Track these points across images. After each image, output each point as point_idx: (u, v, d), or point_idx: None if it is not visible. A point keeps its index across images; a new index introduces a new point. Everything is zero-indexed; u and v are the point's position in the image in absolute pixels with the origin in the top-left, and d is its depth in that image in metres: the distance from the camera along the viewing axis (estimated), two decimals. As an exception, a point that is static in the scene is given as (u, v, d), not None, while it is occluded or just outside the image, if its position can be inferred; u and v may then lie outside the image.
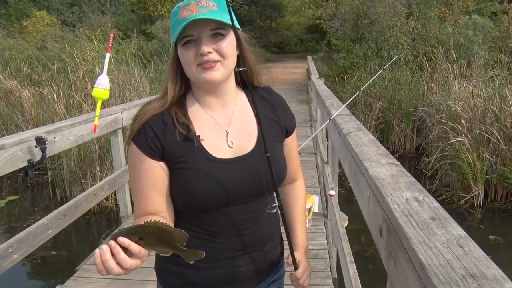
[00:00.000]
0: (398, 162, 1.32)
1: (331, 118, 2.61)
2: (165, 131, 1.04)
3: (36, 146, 2.46)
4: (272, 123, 1.15)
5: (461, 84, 8.24)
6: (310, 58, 14.62)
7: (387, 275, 1.01)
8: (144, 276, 2.72)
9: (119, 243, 0.80)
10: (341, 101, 3.80)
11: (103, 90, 2.78)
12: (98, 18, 21.12)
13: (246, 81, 1.11)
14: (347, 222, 3.89)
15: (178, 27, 0.99)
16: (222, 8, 1.00)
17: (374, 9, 12.51)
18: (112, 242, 0.80)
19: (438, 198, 6.23)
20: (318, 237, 3.55)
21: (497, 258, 4.48)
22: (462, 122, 6.49)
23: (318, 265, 3.05)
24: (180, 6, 1.01)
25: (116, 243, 0.80)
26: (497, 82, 7.85)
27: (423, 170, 7.06)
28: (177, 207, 1.08)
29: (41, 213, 5.64)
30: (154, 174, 1.03)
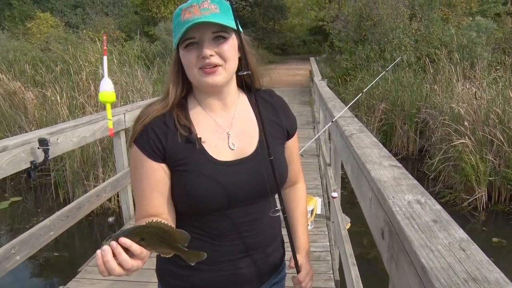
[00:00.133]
0: (401, 164, 1.31)
1: (333, 120, 2.60)
2: (166, 133, 1.04)
3: (39, 148, 2.46)
4: (273, 126, 1.15)
5: (464, 85, 8.21)
6: (313, 59, 14.59)
7: (389, 278, 1.01)
8: (146, 277, 2.73)
9: (121, 244, 0.80)
10: (343, 103, 3.79)
11: (109, 93, 2.79)
12: (102, 19, 21.19)
13: (247, 83, 1.11)
14: (350, 224, 3.89)
15: (180, 30, 0.99)
16: (224, 10, 1.00)
17: (377, 10, 12.48)
18: (113, 243, 0.79)
19: (441, 200, 6.21)
20: (321, 239, 3.55)
21: (500, 260, 4.47)
22: (465, 124, 6.46)
23: (320, 267, 3.05)
24: (182, 8, 1.01)
25: (117, 244, 0.79)
26: (500, 83, 7.82)
27: (426, 172, 7.04)
28: (178, 209, 1.08)
29: (44, 214, 5.65)
30: (156, 176, 1.03)
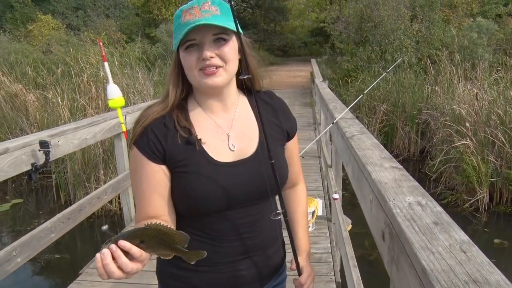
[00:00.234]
0: (401, 166, 1.31)
1: (334, 121, 2.60)
2: (166, 135, 1.04)
3: (39, 150, 2.46)
4: (273, 127, 1.15)
5: (465, 87, 8.21)
6: (314, 61, 14.59)
7: (390, 280, 1.00)
8: (147, 279, 2.72)
9: (120, 247, 0.79)
10: (345, 104, 3.79)
11: (118, 99, 2.79)
12: (103, 21, 21.22)
13: (248, 86, 1.11)
14: (351, 226, 3.88)
15: (180, 31, 0.99)
16: (225, 12, 1.00)
17: (378, 12, 12.48)
18: (113, 246, 0.79)
19: (443, 202, 6.20)
20: (322, 240, 3.54)
21: (502, 262, 4.45)
22: (467, 125, 6.45)
23: (322, 269, 3.04)
24: (183, 9, 1.01)
25: (117, 247, 0.79)
26: (501, 84, 7.81)
27: (428, 173, 7.02)
28: (178, 211, 1.08)
29: (45, 216, 5.65)
30: (156, 177, 1.03)
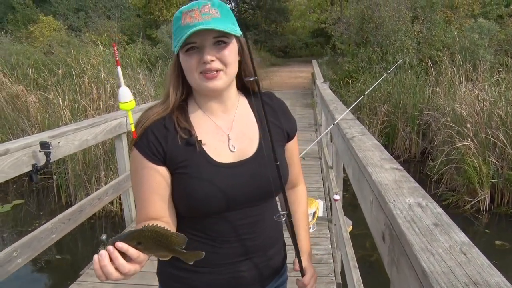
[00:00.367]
0: (402, 167, 1.31)
1: (335, 122, 2.59)
2: (166, 136, 1.04)
3: (40, 151, 2.46)
4: (274, 128, 1.14)
5: (466, 87, 8.20)
6: (315, 62, 14.61)
7: (390, 282, 1.00)
8: (147, 280, 2.72)
9: (118, 248, 0.79)
10: (346, 105, 3.78)
11: (129, 102, 2.82)
12: (104, 23, 21.29)
13: (247, 87, 1.11)
14: (351, 227, 3.87)
15: (180, 34, 0.99)
16: (225, 14, 1.00)
17: (379, 13, 12.48)
18: (110, 248, 0.79)
19: (444, 203, 6.18)
20: (323, 241, 3.54)
21: (503, 263, 4.43)
22: (468, 126, 6.44)
23: (322, 270, 3.04)
24: (183, 11, 1.01)
25: (114, 248, 0.79)
26: (503, 85, 7.80)
27: (429, 174, 7.01)
28: (179, 212, 1.08)
29: (46, 217, 5.65)
30: (156, 179, 1.03)
